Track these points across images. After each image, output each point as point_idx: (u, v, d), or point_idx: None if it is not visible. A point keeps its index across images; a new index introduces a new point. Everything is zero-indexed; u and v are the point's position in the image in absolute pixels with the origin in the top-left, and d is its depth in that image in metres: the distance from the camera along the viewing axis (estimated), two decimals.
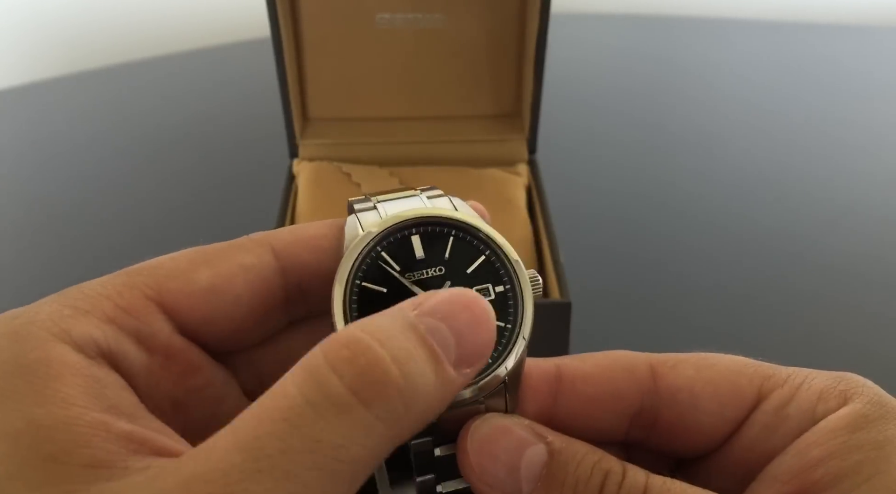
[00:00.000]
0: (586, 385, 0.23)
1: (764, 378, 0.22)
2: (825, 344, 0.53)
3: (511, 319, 0.22)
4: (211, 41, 0.95)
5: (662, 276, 0.59)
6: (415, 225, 0.23)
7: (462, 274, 0.23)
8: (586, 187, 0.69)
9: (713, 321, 0.55)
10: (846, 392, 0.21)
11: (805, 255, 0.61)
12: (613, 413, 0.23)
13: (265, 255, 0.22)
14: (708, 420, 0.23)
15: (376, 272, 0.22)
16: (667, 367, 0.23)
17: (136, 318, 0.20)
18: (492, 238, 0.23)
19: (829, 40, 0.97)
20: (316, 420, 0.16)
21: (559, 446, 0.20)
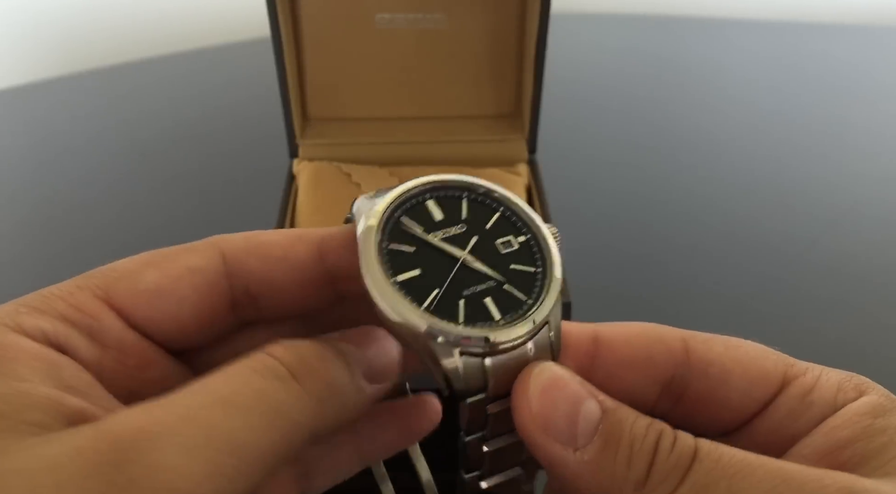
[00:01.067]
0: (624, 348, 0.23)
1: (788, 365, 0.23)
2: (826, 345, 0.53)
3: (540, 264, 0.23)
4: (211, 41, 0.95)
5: (663, 276, 0.59)
6: (427, 190, 0.23)
7: (483, 229, 0.23)
8: (586, 187, 0.69)
9: (713, 321, 0.55)
10: (860, 386, 0.22)
11: (806, 255, 0.61)
12: (647, 379, 0.23)
13: (213, 259, 0.23)
14: (736, 397, 0.23)
15: (401, 234, 0.22)
16: (698, 342, 0.24)
17: (88, 315, 0.21)
18: (506, 196, 0.24)
19: (829, 40, 0.97)
20: (258, 379, 0.19)
21: (611, 405, 0.20)
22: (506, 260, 0.23)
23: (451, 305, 0.21)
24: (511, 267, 0.22)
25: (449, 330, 0.21)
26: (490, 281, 0.22)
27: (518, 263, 0.23)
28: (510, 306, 0.22)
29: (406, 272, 0.22)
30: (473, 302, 0.21)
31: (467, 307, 0.21)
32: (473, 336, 0.21)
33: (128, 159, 0.74)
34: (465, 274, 0.22)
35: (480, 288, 0.22)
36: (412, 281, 0.21)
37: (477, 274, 0.22)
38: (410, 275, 0.21)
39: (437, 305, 0.21)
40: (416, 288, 0.21)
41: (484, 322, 0.21)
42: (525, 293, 0.22)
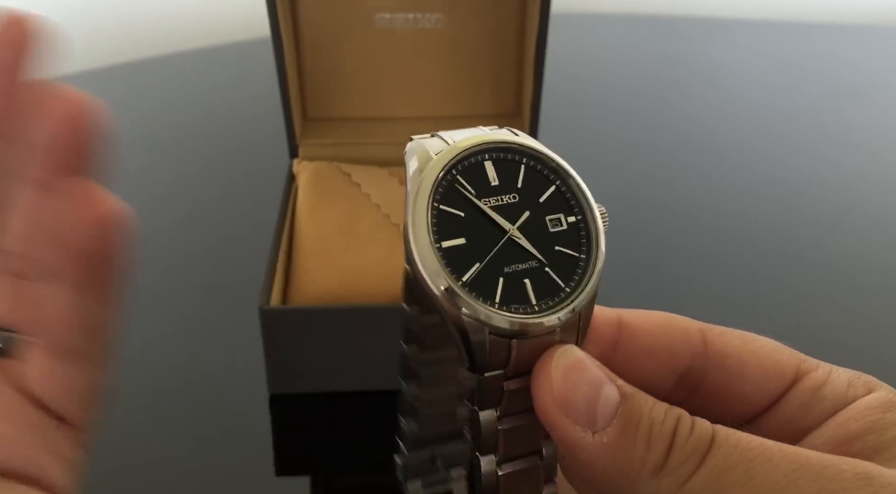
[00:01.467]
0: (646, 337, 0.24)
1: (800, 360, 0.24)
2: (827, 345, 0.53)
3: (585, 250, 0.22)
4: (211, 41, 0.95)
5: (663, 276, 0.59)
6: (487, 150, 0.23)
7: (535, 202, 0.22)
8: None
9: (714, 321, 0.55)
10: (869, 383, 0.22)
11: (807, 255, 0.61)
12: (666, 368, 0.23)
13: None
14: (750, 389, 0.23)
15: (454, 195, 0.22)
16: (715, 334, 0.24)
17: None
18: (563, 167, 0.23)
19: (829, 40, 0.97)
20: None
21: (629, 390, 0.20)
22: (552, 239, 0.22)
23: (490, 282, 0.21)
24: (556, 248, 0.22)
25: (483, 311, 0.20)
26: (532, 261, 0.22)
27: (563, 246, 0.22)
28: (548, 291, 0.21)
29: (452, 239, 0.21)
30: (512, 281, 0.21)
31: (505, 286, 0.21)
32: (506, 320, 0.20)
33: (127, 159, 0.74)
34: (509, 250, 0.21)
35: (522, 268, 0.21)
36: (456, 249, 0.21)
37: (521, 251, 0.22)
38: (455, 243, 0.21)
39: (476, 281, 0.21)
40: (459, 259, 0.21)
41: (519, 304, 0.21)
42: (564, 279, 0.22)
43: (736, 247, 0.62)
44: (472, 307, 0.20)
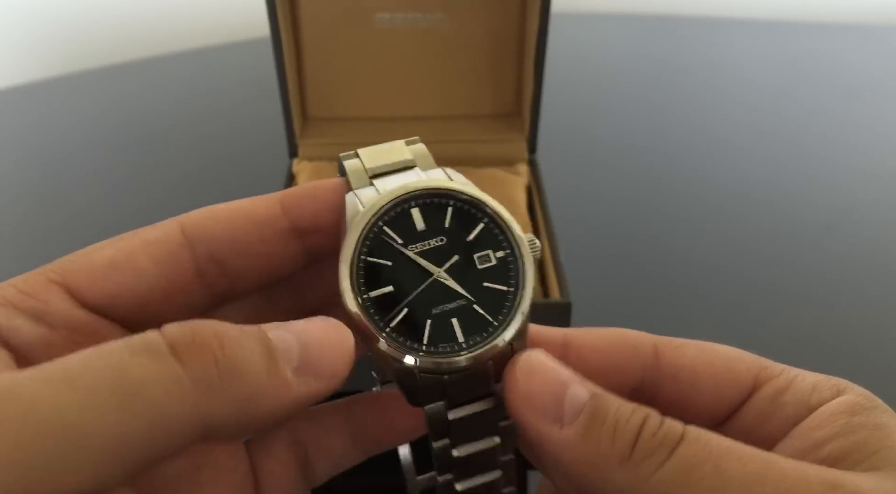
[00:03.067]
0: (592, 355, 0.24)
1: (760, 368, 0.24)
2: (826, 346, 0.53)
3: (513, 283, 0.23)
4: (211, 41, 0.95)
5: (662, 276, 0.59)
6: (413, 198, 0.23)
7: (463, 242, 0.23)
8: (586, 187, 0.69)
9: (713, 321, 0.55)
10: (838, 386, 0.22)
11: (805, 256, 0.61)
12: (615, 385, 0.24)
13: (171, 230, 0.23)
14: (706, 400, 0.23)
15: (381, 246, 0.22)
16: (670, 347, 0.24)
17: (34, 298, 0.21)
18: (488, 205, 0.24)
19: (829, 40, 0.97)
20: (127, 356, 0.16)
21: (599, 392, 0.21)
22: (481, 276, 0.23)
23: (417, 324, 0.22)
24: (484, 284, 0.23)
25: (408, 356, 0.21)
26: (460, 300, 0.22)
27: (492, 281, 0.23)
28: (476, 327, 0.22)
29: (379, 288, 0.22)
30: (439, 321, 0.22)
31: (433, 327, 0.22)
32: (431, 361, 0.21)
33: (127, 158, 0.74)
34: (437, 292, 0.22)
35: (450, 308, 0.22)
36: (384, 297, 0.22)
37: (448, 291, 0.22)
38: (383, 292, 0.22)
39: (403, 325, 0.21)
40: (386, 307, 0.22)
41: (447, 343, 0.21)
42: (493, 314, 0.22)
43: (735, 247, 0.62)
44: (399, 352, 0.21)
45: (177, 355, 0.17)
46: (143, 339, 0.17)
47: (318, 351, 0.19)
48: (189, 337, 0.17)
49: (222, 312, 0.25)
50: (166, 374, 0.17)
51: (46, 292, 0.21)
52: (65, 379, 0.16)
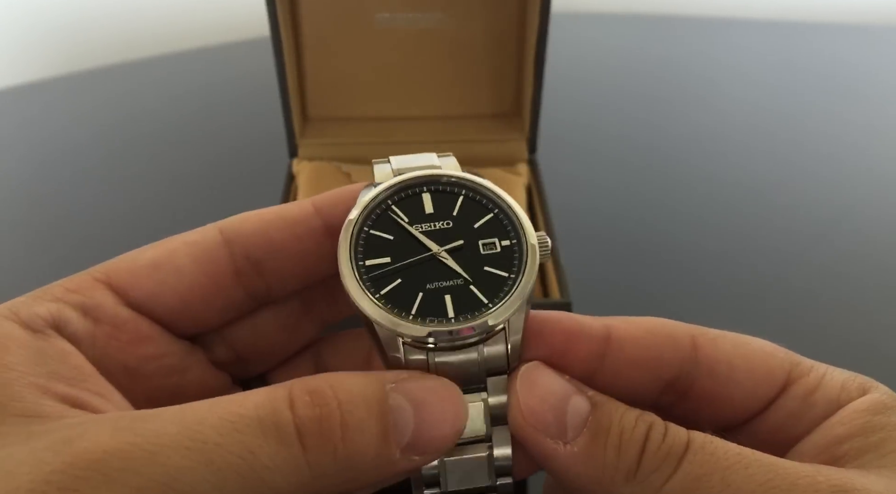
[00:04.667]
0: (634, 347, 0.24)
1: (792, 364, 0.23)
2: (826, 345, 0.53)
3: (515, 270, 0.23)
4: (211, 41, 0.95)
5: (663, 276, 0.59)
6: (426, 183, 0.23)
7: (470, 228, 0.23)
8: (586, 187, 0.69)
9: (714, 321, 0.55)
10: (864, 385, 0.22)
11: (806, 255, 0.61)
12: (653, 376, 0.24)
13: (210, 232, 0.24)
14: (740, 395, 0.23)
15: (385, 221, 0.23)
16: (707, 339, 0.24)
17: (81, 294, 0.22)
18: (502, 198, 0.24)
19: (829, 40, 0.97)
20: (258, 436, 0.17)
21: (600, 400, 0.21)
22: (482, 261, 0.23)
23: (408, 296, 0.21)
24: (485, 268, 0.22)
25: (393, 321, 0.21)
26: (457, 279, 0.22)
27: (493, 266, 0.23)
28: (469, 306, 0.22)
29: (376, 258, 0.22)
30: (432, 296, 0.22)
31: (423, 301, 0.21)
32: (414, 328, 0.21)
33: (127, 159, 0.74)
34: (434, 269, 0.22)
35: (445, 285, 0.22)
36: (379, 267, 0.22)
37: (446, 269, 0.22)
38: (379, 262, 0.22)
39: (394, 294, 0.21)
40: (380, 275, 0.22)
41: (435, 317, 0.21)
42: (488, 296, 0.22)
43: (736, 247, 0.62)
44: (385, 317, 0.21)
45: (302, 439, 0.18)
46: (275, 418, 0.18)
47: (429, 430, 0.20)
48: (316, 420, 0.18)
49: (259, 316, 0.26)
50: (290, 463, 0.18)
51: (93, 289, 0.22)
52: (203, 452, 0.17)
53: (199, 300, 0.23)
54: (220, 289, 0.24)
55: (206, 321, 0.24)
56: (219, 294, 0.24)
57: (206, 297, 0.24)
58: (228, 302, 0.24)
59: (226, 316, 0.25)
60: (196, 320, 0.24)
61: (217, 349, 0.25)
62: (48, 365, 0.19)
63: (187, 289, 0.23)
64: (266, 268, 0.24)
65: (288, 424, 0.18)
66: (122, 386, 0.21)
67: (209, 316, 0.24)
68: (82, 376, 0.20)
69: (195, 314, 0.24)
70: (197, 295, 0.23)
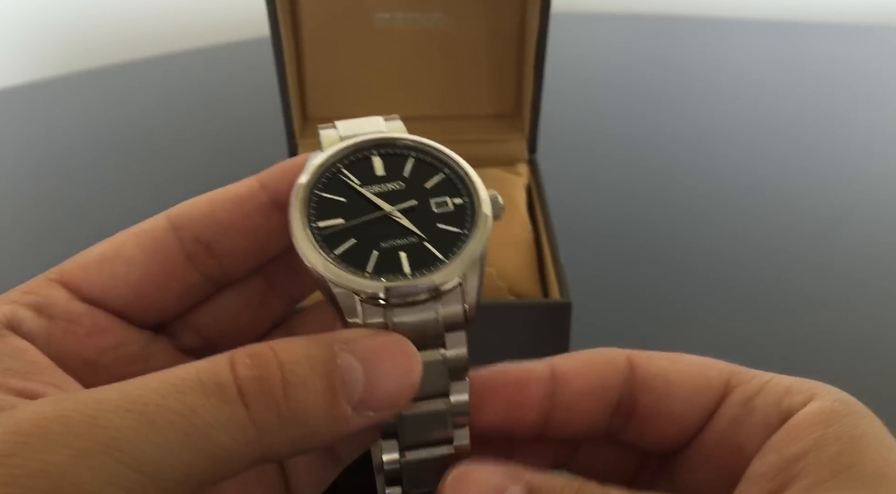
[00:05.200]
0: (577, 378, 0.24)
1: (732, 373, 0.24)
2: (827, 345, 0.53)
3: (468, 226, 0.23)
4: (211, 41, 0.95)
5: (663, 276, 0.59)
6: (375, 145, 0.24)
7: (421, 188, 0.23)
8: (586, 187, 0.69)
9: (714, 321, 0.55)
10: (813, 389, 0.22)
11: (807, 255, 0.61)
12: (601, 402, 0.24)
13: (157, 220, 0.24)
14: (680, 407, 0.24)
15: (336, 184, 0.23)
16: (642, 358, 0.24)
17: (33, 294, 0.22)
18: (452, 158, 0.24)
19: (829, 40, 0.97)
20: (200, 395, 0.18)
21: (538, 482, 0.20)
22: (435, 219, 0.23)
23: (363, 255, 0.22)
24: (438, 225, 0.23)
25: (349, 279, 0.21)
26: (412, 237, 0.22)
27: (446, 224, 0.23)
28: (424, 262, 0.22)
29: (329, 219, 0.22)
30: (387, 254, 0.22)
31: (380, 258, 0.22)
32: (371, 286, 0.21)
33: (127, 159, 0.74)
34: (387, 228, 0.22)
35: (399, 243, 0.22)
36: (332, 228, 0.22)
37: (400, 228, 0.22)
38: (332, 223, 0.22)
39: (349, 254, 0.21)
40: (334, 236, 0.22)
41: (392, 274, 0.21)
42: (444, 252, 0.22)
43: (736, 246, 0.62)
44: (341, 275, 0.21)
45: (244, 398, 0.18)
46: (215, 377, 0.18)
47: (382, 386, 0.20)
48: (256, 380, 0.18)
49: (222, 298, 0.26)
50: (234, 420, 0.18)
51: (46, 289, 0.22)
52: (144, 413, 0.17)
53: (153, 288, 0.24)
54: (174, 275, 0.24)
55: (165, 308, 0.24)
56: (173, 280, 0.24)
57: (160, 285, 0.24)
58: (185, 287, 0.24)
59: (185, 301, 0.25)
60: (154, 308, 0.24)
61: (183, 336, 0.26)
62: (2, 363, 0.20)
63: (139, 278, 0.23)
64: (218, 250, 0.24)
65: (229, 383, 0.18)
66: (83, 378, 0.22)
67: (167, 303, 0.24)
68: (37, 369, 0.20)
69: (152, 302, 0.24)
70: (150, 282, 0.24)
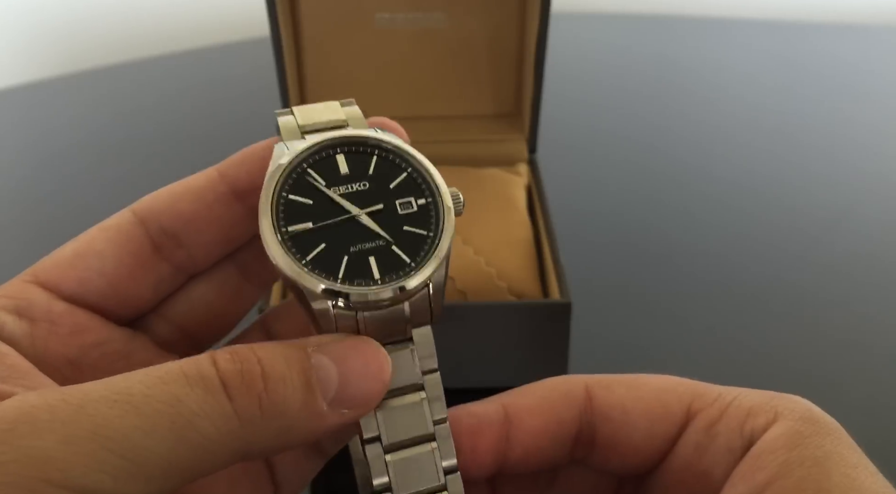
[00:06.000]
0: (532, 418, 0.24)
1: (694, 396, 0.23)
2: (827, 344, 0.53)
3: (434, 228, 0.23)
4: (211, 41, 0.95)
5: (663, 276, 0.59)
6: (339, 144, 0.24)
7: (386, 188, 0.24)
8: (586, 187, 0.69)
9: (714, 321, 0.55)
10: (776, 408, 0.21)
11: (807, 255, 0.61)
12: (558, 439, 0.24)
13: (123, 214, 0.25)
14: (639, 436, 0.23)
15: (303, 186, 0.23)
16: (601, 387, 0.24)
17: (12, 297, 0.22)
18: (414, 157, 0.24)
19: (829, 40, 0.97)
20: (184, 385, 0.18)
21: None
22: (400, 220, 0.23)
23: (334, 260, 0.22)
24: (404, 228, 0.23)
25: (322, 285, 0.21)
26: (379, 240, 0.23)
27: (412, 225, 0.23)
28: (393, 267, 0.22)
29: (298, 224, 0.22)
30: (357, 259, 0.22)
31: (350, 263, 0.22)
32: (343, 291, 0.21)
33: (127, 159, 0.74)
34: (355, 231, 0.23)
35: (368, 247, 0.22)
36: (302, 233, 0.22)
37: (368, 231, 0.23)
38: (301, 228, 0.22)
39: (320, 259, 0.22)
40: (304, 241, 0.22)
41: (362, 279, 0.22)
42: (410, 255, 0.22)
43: (737, 246, 0.62)
44: (312, 282, 0.21)
45: (227, 390, 0.19)
46: (198, 370, 0.19)
47: (355, 384, 0.20)
48: (238, 373, 0.19)
49: (194, 287, 0.26)
50: (217, 410, 0.18)
51: (24, 291, 0.23)
52: (130, 403, 0.17)
53: (127, 280, 0.24)
54: (145, 267, 0.24)
55: (140, 300, 0.25)
56: (145, 271, 0.24)
57: (133, 277, 0.24)
58: (157, 278, 0.25)
59: (159, 292, 0.25)
60: (130, 301, 0.25)
61: (160, 329, 0.26)
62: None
63: (113, 271, 0.24)
64: (185, 240, 0.25)
65: (212, 376, 0.19)
66: (67, 378, 0.22)
67: (142, 295, 0.25)
68: (19, 373, 0.20)
69: (127, 295, 0.24)
70: (124, 275, 0.24)
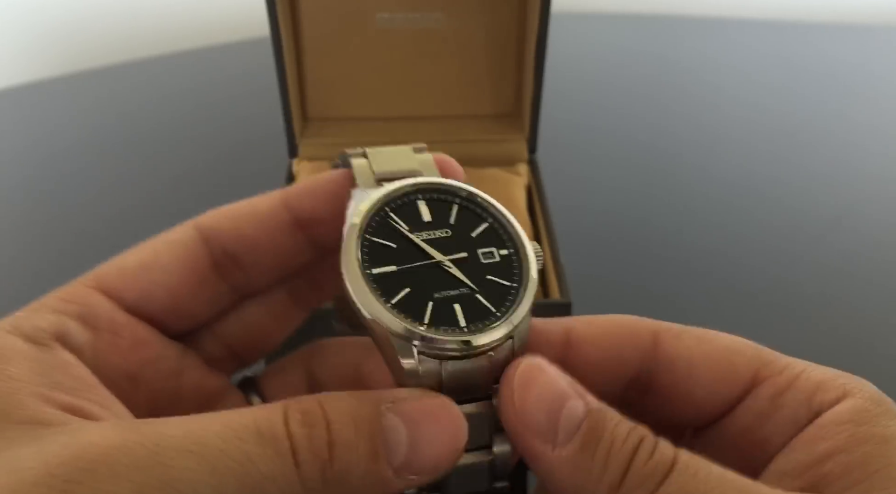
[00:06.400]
0: (593, 348, 0.24)
1: (762, 363, 0.23)
2: (827, 344, 0.53)
3: (517, 279, 0.23)
4: (211, 41, 0.95)
5: (663, 276, 0.59)
6: (420, 191, 0.24)
7: (468, 236, 0.23)
8: (586, 187, 0.69)
9: (714, 320, 0.54)
10: (845, 386, 0.21)
11: (806, 254, 0.61)
12: (614, 375, 0.24)
13: (187, 230, 0.25)
14: (701, 394, 0.23)
15: (386, 229, 0.23)
16: (670, 335, 0.24)
17: (77, 303, 0.22)
18: (495, 207, 0.24)
19: (829, 40, 0.97)
20: (258, 444, 0.18)
21: (596, 407, 0.20)
22: (484, 270, 0.23)
23: (419, 305, 0.21)
24: (487, 277, 0.23)
25: (411, 329, 0.21)
26: (463, 288, 0.22)
27: (495, 275, 0.23)
28: (478, 315, 0.22)
29: (382, 266, 0.22)
30: (442, 305, 0.22)
31: (435, 309, 0.21)
32: (434, 338, 0.21)
33: (127, 159, 0.74)
34: (440, 278, 0.22)
35: (452, 294, 0.22)
36: (386, 275, 0.22)
37: (452, 279, 0.22)
38: (385, 270, 0.22)
39: (405, 303, 0.21)
40: (388, 284, 0.22)
41: (448, 326, 0.21)
42: (495, 305, 0.22)
43: (735, 245, 0.62)
44: (399, 325, 0.21)
45: (295, 456, 0.18)
46: (271, 429, 0.18)
47: (426, 450, 0.20)
48: (307, 438, 0.19)
49: (246, 308, 0.26)
50: (285, 475, 0.18)
51: (88, 297, 0.23)
52: (204, 456, 0.17)
53: (187, 296, 0.24)
54: (205, 284, 0.25)
55: (196, 317, 0.25)
56: (204, 289, 0.25)
57: (193, 293, 0.25)
58: (214, 296, 0.25)
59: (213, 309, 0.26)
60: (187, 317, 0.25)
61: (209, 346, 0.26)
62: (51, 376, 0.20)
63: (176, 286, 0.24)
64: (244, 262, 0.25)
65: (283, 438, 0.18)
66: (124, 393, 0.22)
67: (199, 312, 0.25)
68: (84, 386, 0.20)
69: (186, 310, 0.25)
70: (185, 291, 0.24)
